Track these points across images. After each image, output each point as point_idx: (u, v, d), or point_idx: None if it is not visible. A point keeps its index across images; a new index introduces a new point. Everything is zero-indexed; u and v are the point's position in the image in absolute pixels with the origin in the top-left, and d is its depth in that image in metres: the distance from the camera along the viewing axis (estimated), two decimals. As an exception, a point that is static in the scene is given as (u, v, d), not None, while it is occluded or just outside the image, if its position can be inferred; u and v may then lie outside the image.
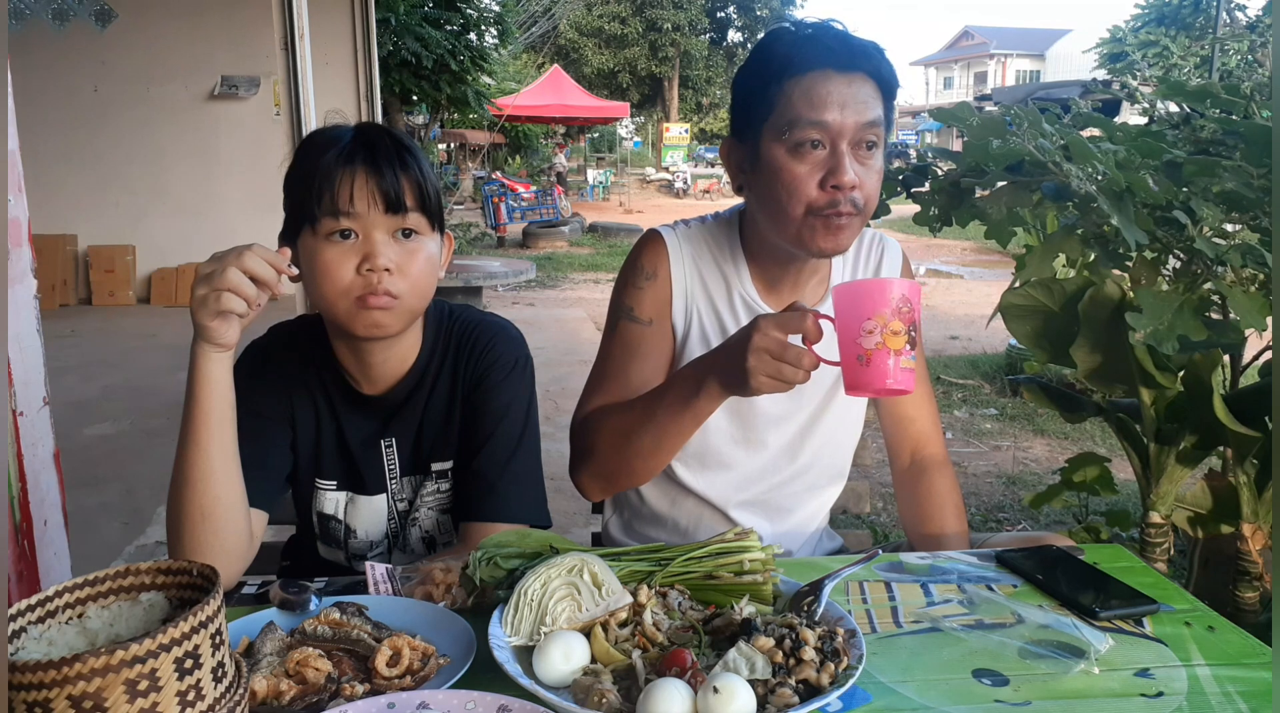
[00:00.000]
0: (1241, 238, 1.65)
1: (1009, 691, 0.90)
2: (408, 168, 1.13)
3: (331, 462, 1.27)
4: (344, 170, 1.10)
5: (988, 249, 12.27)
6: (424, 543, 1.31)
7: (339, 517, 1.29)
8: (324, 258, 1.11)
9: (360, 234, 1.11)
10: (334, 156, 1.11)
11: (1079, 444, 4.46)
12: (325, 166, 1.11)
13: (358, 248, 1.11)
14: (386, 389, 1.25)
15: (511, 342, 1.29)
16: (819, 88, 1.19)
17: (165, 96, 8.07)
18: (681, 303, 1.35)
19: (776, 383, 1.05)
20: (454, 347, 1.27)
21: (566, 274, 10.87)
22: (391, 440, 1.27)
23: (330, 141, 1.13)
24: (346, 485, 1.28)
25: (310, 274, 1.13)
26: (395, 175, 1.12)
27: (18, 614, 0.73)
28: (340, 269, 1.11)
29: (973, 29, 50.19)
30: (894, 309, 0.99)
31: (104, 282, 8.18)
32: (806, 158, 1.19)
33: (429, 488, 1.28)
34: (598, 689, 0.83)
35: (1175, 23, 23.73)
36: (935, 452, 1.49)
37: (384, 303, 1.12)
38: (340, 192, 1.10)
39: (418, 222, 1.14)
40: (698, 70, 36.55)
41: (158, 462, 4.10)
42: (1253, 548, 1.80)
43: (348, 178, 1.10)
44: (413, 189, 1.13)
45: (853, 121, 1.18)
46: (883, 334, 0.99)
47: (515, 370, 1.27)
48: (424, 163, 1.16)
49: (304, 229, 1.13)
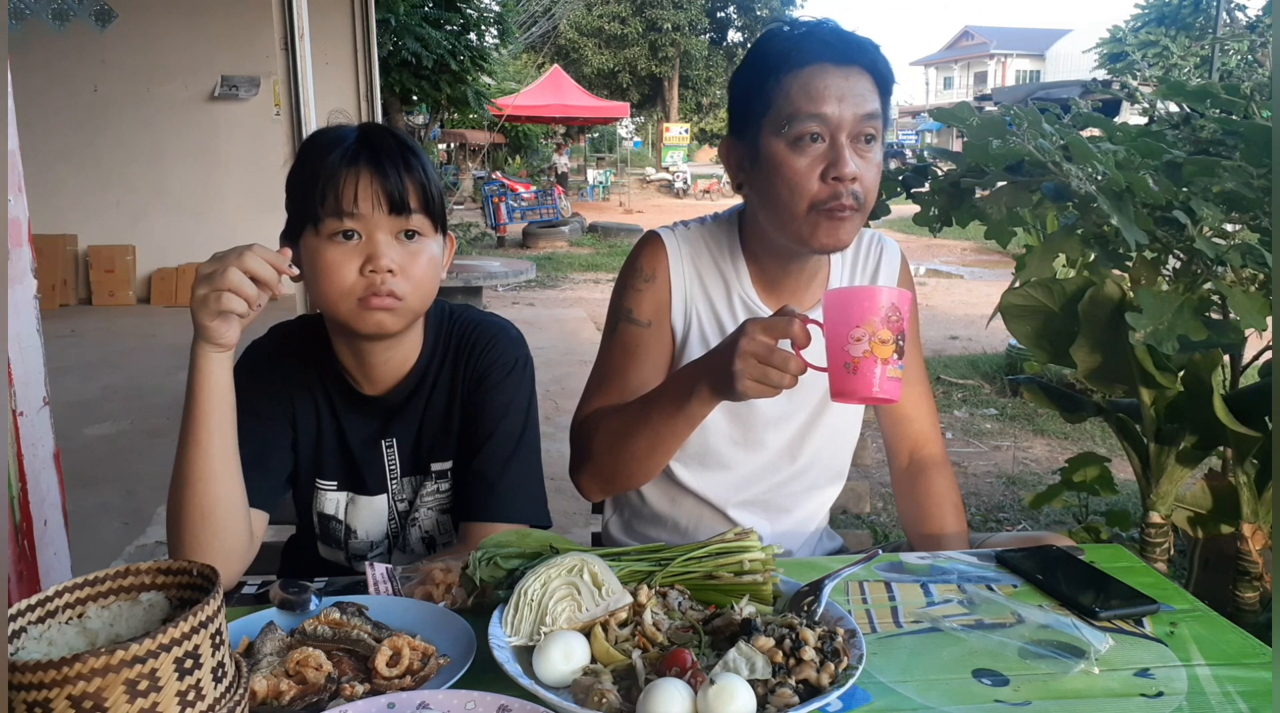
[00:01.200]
0: (1241, 238, 1.65)
1: (1009, 691, 0.90)
2: (412, 169, 1.13)
3: (332, 462, 1.27)
4: (348, 171, 1.10)
5: (988, 249, 12.27)
6: (424, 543, 1.31)
7: (339, 517, 1.29)
8: (327, 258, 1.11)
9: (363, 235, 1.11)
10: (338, 157, 1.11)
11: (1079, 444, 4.46)
12: (329, 167, 1.10)
13: (361, 248, 1.11)
14: (387, 389, 1.25)
15: (512, 342, 1.29)
16: (816, 81, 1.19)
17: (165, 96, 8.07)
18: (681, 305, 1.35)
19: (763, 387, 1.04)
20: (454, 347, 1.27)
21: (566, 274, 10.87)
22: (392, 440, 1.27)
23: (334, 142, 1.13)
24: (347, 486, 1.28)
25: (312, 274, 1.13)
26: (399, 176, 1.11)
27: (18, 614, 0.73)
28: (343, 270, 1.11)
29: (973, 29, 50.20)
30: (883, 317, 0.99)
31: (104, 282, 8.18)
32: (806, 151, 1.20)
33: (429, 488, 1.28)
34: (598, 689, 0.83)
35: (1175, 23, 23.73)
36: (934, 451, 1.49)
37: (387, 304, 1.12)
38: (344, 192, 1.10)
39: (421, 223, 1.14)
40: (698, 70, 36.57)
41: (158, 462, 4.10)
42: (1253, 548, 1.80)
43: (352, 178, 1.10)
44: (417, 190, 1.13)
45: (851, 114, 1.19)
46: (870, 343, 0.99)
47: (515, 370, 1.27)
48: (428, 164, 1.16)
49: (306, 229, 1.13)
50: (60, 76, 7.71)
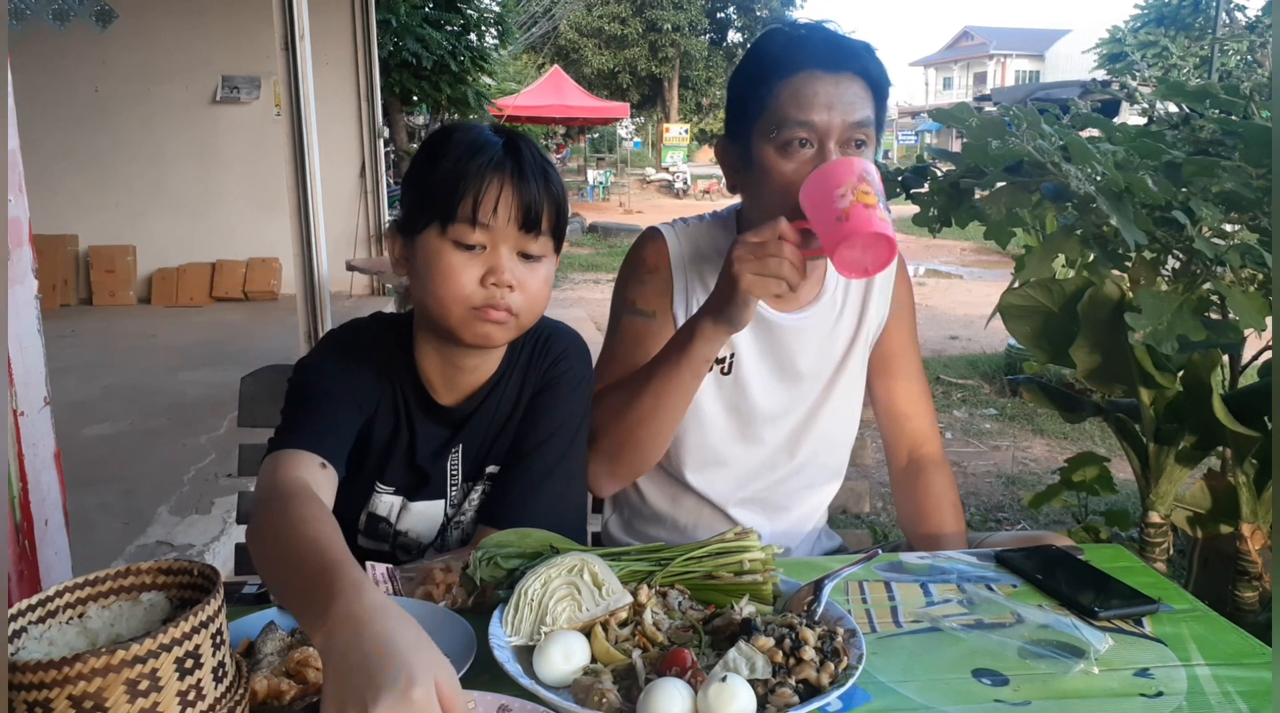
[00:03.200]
0: (1241, 238, 1.65)
1: (1009, 690, 0.90)
2: (551, 186, 1.11)
3: (396, 470, 1.23)
4: (492, 179, 1.08)
5: (987, 249, 12.27)
6: (463, 544, 1.27)
7: (390, 519, 1.26)
8: (450, 262, 1.08)
9: (489, 245, 1.09)
10: (484, 162, 1.08)
11: (1078, 444, 4.46)
12: (475, 171, 1.07)
13: (484, 258, 1.09)
14: (462, 399, 1.22)
15: (581, 356, 1.27)
16: (806, 88, 1.21)
17: (165, 96, 8.07)
18: (682, 297, 1.36)
19: (765, 280, 1.09)
20: (526, 353, 1.25)
21: (566, 274, 10.87)
22: (458, 447, 1.24)
23: (477, 145, 1.10)
24: (404, 492, 1.25)
25: (428, 274, 1.10)
26: (539, 194, 1.09)
27: (18, 614, 0.73)
28: (464, 276, 1.08)
29: (972, 29, 50.20)
30: (859, 176, 1.05)
31: (104, 282, 8.17)
32: (794, 157, 1.21)
33: (478, 491, 1.26)
34: (598, 689, 0.83)
35: (1175, 23, 23.72)
36: (932, 451, 1.49)
37: (501, 318, 1.10)
38: (484, 200, 1.07)
39: (545, 243, 1.13)
40: (698, 71, 36.55)
41: (158, 462, 4.10)
42: (1252, 548, 1.80)
43: (494, 188, 1.07)
44: (550, 210, 1.11)
45: (840, 121, 1.20)
46: (855, 194, 1.05)
47: (581, 387, 1.26)
48: (562, 184, 1.14)
49: (430, 227, 1.10)
50: (60, 76, 7.71)
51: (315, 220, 4.16)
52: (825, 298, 1.40)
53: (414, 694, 0.64)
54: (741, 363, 1.37)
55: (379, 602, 0.72)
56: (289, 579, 0.81)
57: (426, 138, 1.17)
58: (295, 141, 4.08)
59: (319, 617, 0.72)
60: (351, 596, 0.72)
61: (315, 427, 1.10)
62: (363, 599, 0.72)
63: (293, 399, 1.15)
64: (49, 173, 7.44)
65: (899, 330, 1.48)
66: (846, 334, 1.42)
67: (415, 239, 1.12)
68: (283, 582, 0.83)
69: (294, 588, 0.79)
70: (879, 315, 1.45)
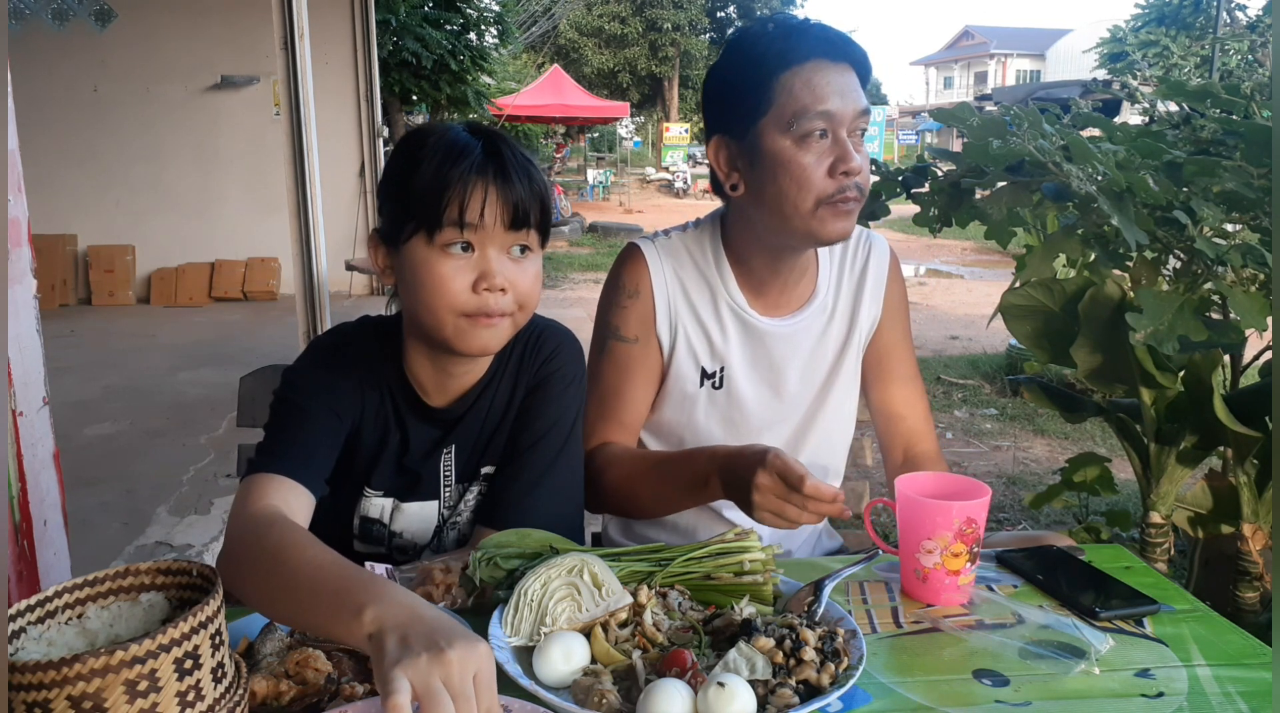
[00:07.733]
0: (1241, 238, 1.65)
1: (1009, 691, 0.90)
2: (534, 182, 1.10)
3: (386, 473, 1.23)
4: (477, 183, 1.06)
5: (988, 249, 12.27)
6: (459, 545, 1.27)
7: (384, 521, 1.25)
8: (440, 271, 1.07)
9: (477, 248, 1.08)
10: (467, 168, 1.06)
11: (1079, 444, 4.46)
12: (457, 177, 1.06)
13: (474, 263, 1.08)
14: (453, 401, 1.22)
15: (574, 354, 1.27)
16: (818, 77, 1.21)
17: (165, 96, 8.08)
18: (665, 317, 1.36)
19: (780, 521, 1.07)
20: (517, 351, 1.24)
21: (566, 274, 10.87)
22: (451, 448, 1.23)
23: (457, 148, 1.08)
24: (395, 494, 1.24)
25: (418, 284, 1.08)
26: (524, 192, 1.08)
27: (18, 614, 0.73)
28: (454, 284, 1.07)
29: (973, 29, 50.21)
30: (956, 532, 1.04)
31: (104, 282, 8.18)
32: (812, 147, 1.21)
33: (474, 491, 1.25)
34: (598, 690, 0.83)
35: (1175, 22, 23.71)
36: (928, 449, 1.48)
37: (497, 322, 1.09)
38: (470, 205, 1.05)
39: (533, 238, 1.11)
40: (698, 70, 36.49)
41: (157, 462, 4.10)
42: (1253, 548, 1.80)
43: (479, 191, 1.06)
44: (536, 206, 1.10)
45: (851, 109, 1.21)
46: (943, 555, 1.05)
47: (573, 385, 1.25)
48: (543, 176, 1.14)
49: (416, 236, 1.08)
50: (60, 76, 7.71)
51: (314, 220, 4.16)
52: (816, 302, 1.40)
53: (481, 648, 0.70)
54: (733, 376, 1.36)
55: (419, 598, 0.76)
56: (303, 598, 0.81)
57: (400, 142, 1.15)
58: (294, 141, 4.07)
59: (355, 616, 0.74)
60: (394, 591, 0.76)
61: (295, 453, 1.09)
62: (406, 593, 0.76)
63: (275, 416, 1.14)
64: (48, 173, 7.45)
65: (892, 332, 1.47)
66: (838, 337, 1.42)
67: (400, 248, 1.10)
68: (294, 601, 0.83)
69: (313, 604, 0.80)
70: (871, 317, 1.44)
